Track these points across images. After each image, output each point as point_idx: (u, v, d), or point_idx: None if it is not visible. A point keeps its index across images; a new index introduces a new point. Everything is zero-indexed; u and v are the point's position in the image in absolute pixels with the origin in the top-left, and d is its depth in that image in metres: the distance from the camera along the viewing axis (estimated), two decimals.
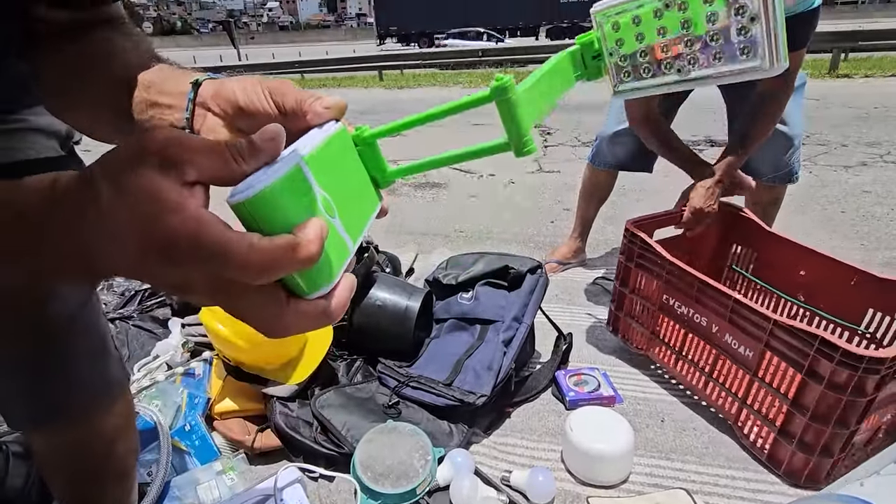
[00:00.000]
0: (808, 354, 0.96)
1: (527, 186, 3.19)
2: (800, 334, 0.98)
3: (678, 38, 0.38)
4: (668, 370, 1.35)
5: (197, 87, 0.39)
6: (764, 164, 1.57)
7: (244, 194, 0.24)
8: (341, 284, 0.29)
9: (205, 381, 1.22)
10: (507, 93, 0.30)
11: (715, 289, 1.15)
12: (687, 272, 1.22)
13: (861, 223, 2.33)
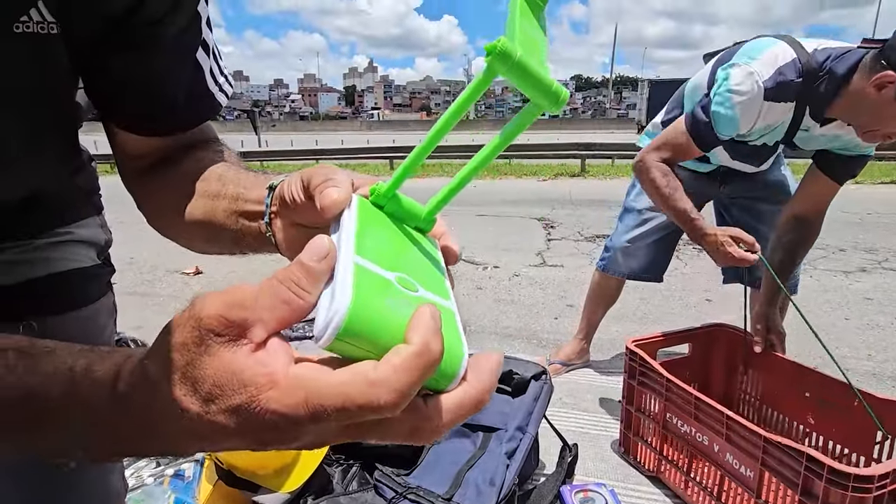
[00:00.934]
0: (800, 472, 0.95)
1: (531, 280, 3.24)
2: (789, 451, 0.97)
3: None
4: (680, 493, 1.30)
5: (272, 190, 0.40)
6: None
7: (332, 328, 0.21)
8: (473, 357, 0.24)
9: (194, 485, 1.17)
10: (510, 56, 0.24)
11: (709, 405, 1.14)
12: (684, 389, 1.21)
13: (866, 332, 2.32)
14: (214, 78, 0.51)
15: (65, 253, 0.59)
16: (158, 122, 0.49)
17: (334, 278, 0.23)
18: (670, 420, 1.29)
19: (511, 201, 6.29)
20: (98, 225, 0.59)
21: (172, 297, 2.99)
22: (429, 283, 0.27)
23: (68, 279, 0.57)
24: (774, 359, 1.39)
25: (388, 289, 0.24)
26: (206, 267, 3.59)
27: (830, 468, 0.90)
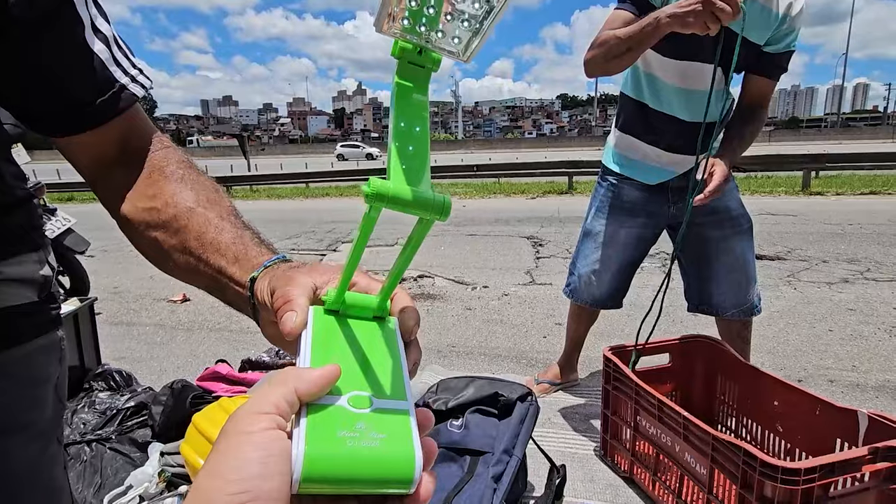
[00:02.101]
0: (739, 466, 1.01)
1: (520, 299, 3.24)
2: (732, 448, 1.03)
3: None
4: (649, 493, 1.36)
5: (253, 282, 0.42)
6: (726, 301, 1.63)
7: (295, 479, 0.23)
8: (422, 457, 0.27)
9: None
10: (384, 195, 0.28)
11: (670, 407, 1.21)
12: (649, 392, 1.28)
13: (850, 343, 2.35)
14: (122, 68, 0.52)
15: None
16: (69, 119, 0.50)
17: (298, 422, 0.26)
18: (640, 422, 1.36)
19: (500, 220, 6.33)
20: (35, 261, 0.57)
21: (158, 325, 2.96)
22: (383, 388, 0.30)
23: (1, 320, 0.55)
24: (748, 370, 1.42)
25: (341, 419, 0.26)
26: (193, 294, 3.57)
27: (762, 462, 0.96)
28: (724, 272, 1.63)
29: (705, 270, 1.67)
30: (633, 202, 1.71)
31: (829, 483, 0.98)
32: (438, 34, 0.46)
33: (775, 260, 3.93)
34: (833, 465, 0.97)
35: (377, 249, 5.01)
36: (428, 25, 0.51)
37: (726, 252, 1.61)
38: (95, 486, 1.45)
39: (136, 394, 1.88)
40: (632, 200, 1.71)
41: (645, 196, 1.69)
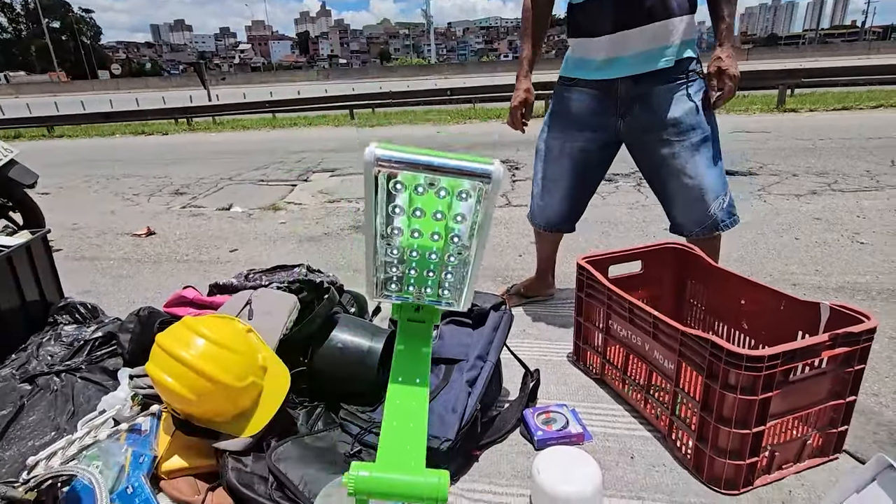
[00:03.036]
0: (706, 358, 1.05)
1: (495, 221, 3.20)
2: (699, 341, 1.07)
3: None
4: (618, 391, 1.42)
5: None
6: (687, 220, 1.58)
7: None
8: None
9: (151, 438, 1.14)
10: (371, 491, 0.33)
11: (641, 308, 1.24)
12: (621, 296, 1.31)
13: (814, 249, 2.42)
14: None
15: None
16: None
17: None
18: (612, 326, 1.40)
19: (476, 145, 6.18)
20: None
21: (123, 259, 2.86)
22: None
23: None
24: (716, 272, 1.44)
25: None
26: (158, 228, 3.44)
27: (728, 352, 1.00)
28: (679, 191, 1.55)
29: (662, 192, 1.63)
30: (580, 113, 1.63)
31: (790, 369, 1.02)
32: (428, 290, 0.45)
33: (747, 175, 3.95)
34: (794, 352, 1.00)
35: (348, 177, 4.87)
36: (416, 285, 0.48)
37: (678, 169, 1.53)
38: (68, 413, 1.43)
39: (104, 324, 1.83)
40: (579, 111, 1.63)
41: (593, 106, 1.60)
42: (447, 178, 0.50)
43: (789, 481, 1.11)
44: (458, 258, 0.57)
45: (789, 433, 1.11)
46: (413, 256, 0.54)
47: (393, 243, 0.52)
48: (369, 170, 0.48)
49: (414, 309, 0.52)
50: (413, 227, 0.53)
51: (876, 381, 1.42)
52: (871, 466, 0.81)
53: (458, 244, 0.54)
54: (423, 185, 0.50)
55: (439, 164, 0.49)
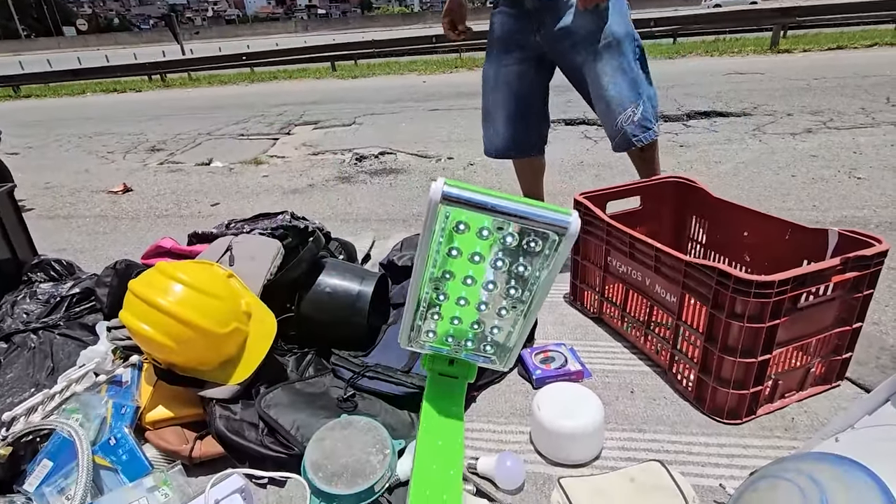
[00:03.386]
0: (712, 287, 1.00)
1: (486, 167, 3.12)
2: (704, 270, 1.02)
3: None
4: (618, 329, 1.38)
5: None
6: (607, 134, 1.62)
7: None
8: None
9: (133, 389, 1.09)
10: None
11: (642, 241, 1.19)
12: (621, 230, 1.25)
13: (811, 186, 2.37)
14: None
15: None
16: None
17: None
18: (611, 263, 1.35)
19: (463, 94, 5.96)
20: None
21: (100, 216, 2.74)
22: None
23: None
24: (719, 203, 1.38)
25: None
26: (135, 185, 3.30)
27: (736, 278, 0.95)
28: (594, 102, 1.57)
29: (589, 103, 1.63)
30: (503, 35, 1.64)
31: (799, 295, 0.98)
32: (468, 343, 0.41)
33: (741, 116, 3.86)
34: (805, 277, 0.95)
35: (332, 129, 4.69)
36: (456, 336, 0.46)
37: (590, 78, 1.53)
38: (48, 369, 1.38)
39: (81, 280, 1.75)
40: (502, 33, 1.64)
41: (511, 26, 1.61)
42: (519, 224, 0.43)
43: (791, 409, 1.09)
44: (511, 313, 0.52)
45: (793, 361, 1.08)
46: (461, 305, 0.49)
47: (441, 288, 0.47)
48: (433, 207, 0.42)
49: (447, 362, 0.47)
50: (467, 274, 0.47)
51: (876, 310, 1.40)
52: (885, 387, 0.78)
53: (514, 297, 0.49)
54: (489, 229, 0.44)
55: (513, 210, 0.42)
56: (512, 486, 0.94)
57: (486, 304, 0.50)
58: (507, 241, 0.46)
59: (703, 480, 0.94)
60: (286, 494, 0.97)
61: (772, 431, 1.04)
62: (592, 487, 0.90)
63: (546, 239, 0.47)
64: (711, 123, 3.72)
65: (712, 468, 0.96)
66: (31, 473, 0.95)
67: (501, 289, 0.49)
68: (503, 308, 0.51)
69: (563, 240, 0.47)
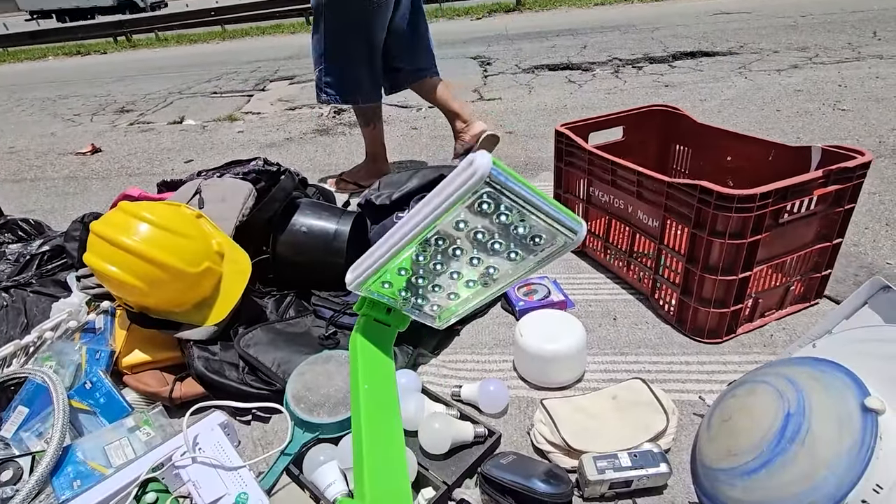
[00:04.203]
0: (693, 206, 0.99)
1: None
2: (685, 188, 1.00)
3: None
4: (600, 259, 1.38)
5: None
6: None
7: None
8: None
9: (107, 335, 1.06)
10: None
11: (623, 167, 1.16)
12: (603, 157, 1.22)
13: (796, 119, 2.34)
14: None
15: None
16: None
17: None
18: (593, 193, 1.33)
19: (445, 43, 5.75)
20: None
21: (69, 178, 2.64)
22: None
23: None
24: (702, 129, 1.35)
25: None
26: (105, 146, 3.17)
27: (718, 194, 0.94)
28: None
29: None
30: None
31: (780, 209, 0.96)
32: (418, 300, 0.44)
33: (728, 55, 3.78)
34: (787, 190, 0.94)
35: (309, 84, 4.52)
36: (409, 292, 0.43)
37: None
38: (21, 325, 1.34)
39: (50, 238, 1.69)
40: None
41: None
42: (538, 219, 0.43)
43: (770, 327, 1.10)
44: (478, 287, 0.48)
45: (773, 280, 1.08)
46: (434, 269, 0.45)
47: (427, 251, 0.44)
48: (472, 182, 0.38)
49: (385, 310, 0.44)
50: (457, 246, 0.44)
51: (856, 233, 1.41)
52: (863, 290, 0.77)
53: (489, 276, 0.46)
54: (509, 215, 0.40)
55: (539, 204, 0.41)
56: (495, 410, 0.95)
57: (458, 274, 0.48)
58: (519, 231, 0.45)
59: (684, 395, 0.95)
60: (271, 429, 0.97)
61: (751, 348, 1.05)
62: (574, 406, 0.91)
63: (553, 239, 0.46)
64: (697, 63, 3.64)
65: (693, 384, 0.98)
66: (7, 420, 0.93)
67: (482, 267, 0.47)
68: (472, 281, 0.49)
69: (567, 244, 0.46)
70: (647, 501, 0.77)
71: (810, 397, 0.67)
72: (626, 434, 0.84)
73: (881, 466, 0.61)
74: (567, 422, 0.86)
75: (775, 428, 0.67)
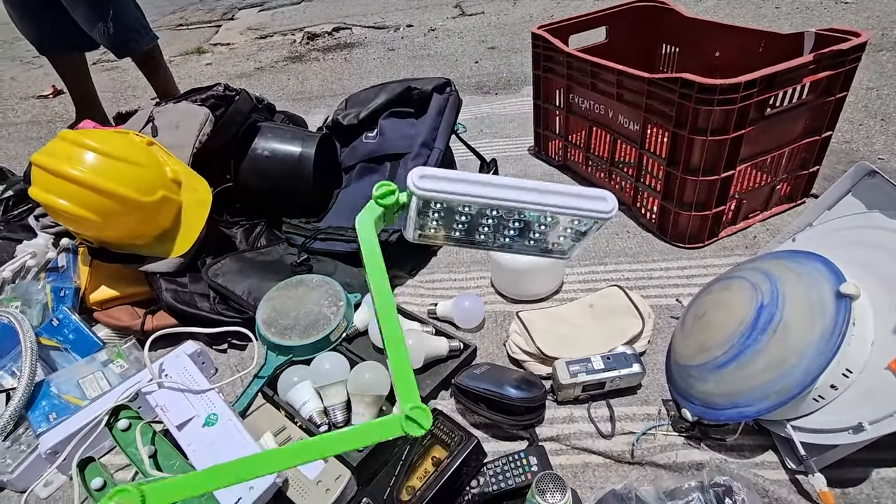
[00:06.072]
0: (674, 102, 0.92)
1: (448, 32, 2.85)
2: (666, 84, 0.94)
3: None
4: (582, 171, 1.33)
5: None
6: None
7: None
8: None
9: (71, 273, 1.03)
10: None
11: (602, 66, 1.09)
12: (581, 58, 1.15)
13: (796, 15, 2.19)
14: None
15: None
16: None
17: None
18: (573, 101, 1.25)
19: None
20: None
21: (32, 122, 2.51)
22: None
23: None
24: (692, 23, 1.25)
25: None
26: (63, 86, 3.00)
27: (700, 86, 0.87)
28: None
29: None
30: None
31: (766, 100, 0.90)
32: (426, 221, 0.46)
33: None
34: (774, 77, 0.87)
35: (279, 10, 4.23)
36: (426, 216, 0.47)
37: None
38: None
39: (14, 183, 1.62)
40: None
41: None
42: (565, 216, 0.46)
43: (754, 228, 1.07)
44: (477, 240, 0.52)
45: (758, 179, 1.04)
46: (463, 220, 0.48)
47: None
48: (599, 217, 0.46)
49: (395, 210, 0.48)
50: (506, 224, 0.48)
51: (849, 129, 1.34)
52: (848, 177, 0.73)
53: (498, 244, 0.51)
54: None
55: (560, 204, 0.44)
56: (471, 325, 0.93)
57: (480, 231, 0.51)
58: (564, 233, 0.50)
59: (662, 300, 0.94)
60: (247, 355, 0.96)
61: (732, 251, 1.03)
62: (550, 316, 0.90)
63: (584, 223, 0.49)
64: None
65: (671, 289, 0.96)
66: None
67: (499, 239, 0.51)
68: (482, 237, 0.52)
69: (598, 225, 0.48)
70: (621, 402, 0.77)
71: (784, 288, 0.65)
72: (601, 340, 0.83)
73: (852, 351, 0.60)
74: (542, 331, 0.85)
75: (748, 320, 0.65)
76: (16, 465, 0.76)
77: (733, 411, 0.65)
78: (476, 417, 0.77)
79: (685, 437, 0.71)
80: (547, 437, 0.74)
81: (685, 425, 0.71)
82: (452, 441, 0.68)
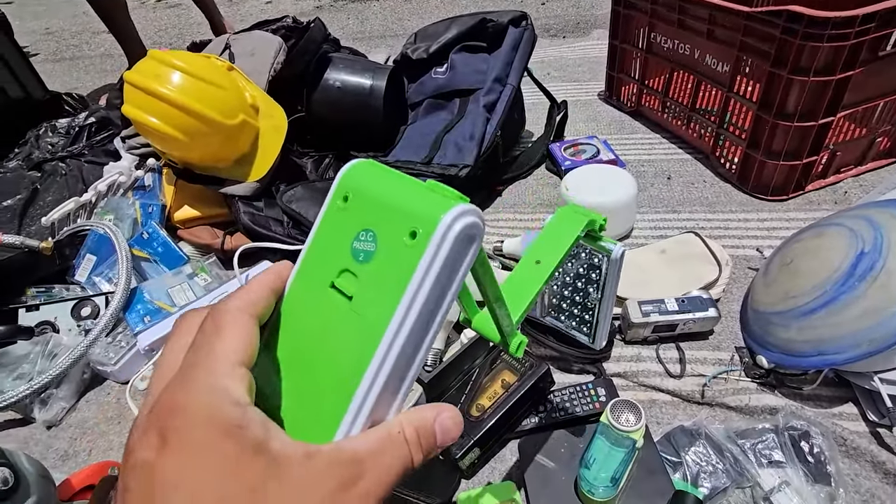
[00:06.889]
0: (776, 38, 0.85)
1: None
2: (768, 18, 0.86)
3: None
4: (657, 118, 1.27)
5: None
6: None
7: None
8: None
9: (157, 191, 1.09)
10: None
11: (695, 1, 1.01)
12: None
13: None
14: None
15: None
16: None
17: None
18: (655, 40, 1.18)
19: None
20: None
21: (106, 55, 2.61)
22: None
23: None
24: None
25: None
26: (136, 21, 3.07)
27: (810, 19, 0.79)
28: None
29: None
30: None
31: (883, 37, 0.82)
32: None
33: None
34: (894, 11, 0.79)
35: None
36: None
37: None
38: (80, 191, 1.41)
39: (96, 111, 1.71)
40: None
41: None
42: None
43: (845, 183, 1.01)
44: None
45: (857, 130, 0.96)
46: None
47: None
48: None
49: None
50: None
51: None
52: None
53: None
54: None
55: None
56: None
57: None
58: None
59: (739, 251, 0.90)
60: None
61: (819, 205, 0.97)
62: None
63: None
64: None
65: (750, 240, 0.92)
66: (80, 267, 1.00)
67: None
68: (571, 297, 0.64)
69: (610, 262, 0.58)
70: (691, 346, 0.77)
71: (890, 235, 0.61)
72: (673, 284, 0.82)
73: None
74: None
75: (844, 267, 0.62)
76: (118, 359, 0.83)
77: (817, 358, 0.63)
78: (544, 349, 0.78)
79: (758, 383, 0.70)
80: (614, 373, 0.75)
81: (759, 372, 0.70)
82: (523, 366, 0.70)
